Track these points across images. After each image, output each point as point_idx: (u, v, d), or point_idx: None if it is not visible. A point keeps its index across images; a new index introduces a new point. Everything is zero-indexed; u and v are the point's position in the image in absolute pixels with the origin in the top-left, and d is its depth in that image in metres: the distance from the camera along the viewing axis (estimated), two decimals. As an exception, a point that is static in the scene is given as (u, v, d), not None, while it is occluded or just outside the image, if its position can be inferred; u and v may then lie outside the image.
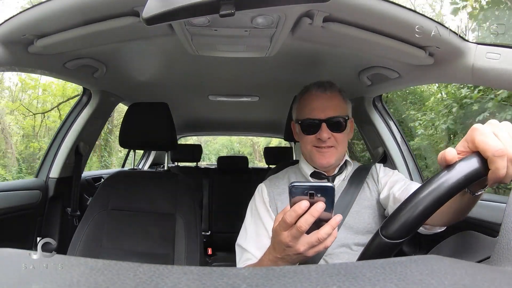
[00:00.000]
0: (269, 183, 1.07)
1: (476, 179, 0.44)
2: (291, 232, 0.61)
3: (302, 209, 0.58)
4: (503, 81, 0.82)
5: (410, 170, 1.62)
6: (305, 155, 1.05)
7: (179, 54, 1.20)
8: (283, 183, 1.06)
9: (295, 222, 0.60)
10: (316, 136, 0.97)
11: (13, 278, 0.25)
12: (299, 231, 0.59)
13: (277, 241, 0.65)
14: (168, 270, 0.26)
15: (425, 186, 0.46)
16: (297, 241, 0.62)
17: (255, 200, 1.05)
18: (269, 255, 0.71)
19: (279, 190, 1.04)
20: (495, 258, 0.33)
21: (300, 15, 0.86)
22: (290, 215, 0.59)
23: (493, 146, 0.44)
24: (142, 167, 3.24)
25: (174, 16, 0.49)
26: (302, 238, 0.62)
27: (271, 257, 0.70)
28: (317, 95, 1.00)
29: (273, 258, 0.69)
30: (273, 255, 0.69)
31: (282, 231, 0.63)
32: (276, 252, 0.67)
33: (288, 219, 0.60)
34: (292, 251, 0.63)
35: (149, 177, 1.42)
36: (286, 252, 0.64)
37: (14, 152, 6.94)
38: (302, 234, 0.61)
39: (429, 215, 0.45)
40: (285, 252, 0.64)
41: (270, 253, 0.71)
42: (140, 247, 1.29)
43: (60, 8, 0.81)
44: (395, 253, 0.47)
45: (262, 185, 1.08)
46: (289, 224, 0.60)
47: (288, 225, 0.61)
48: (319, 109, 0.97)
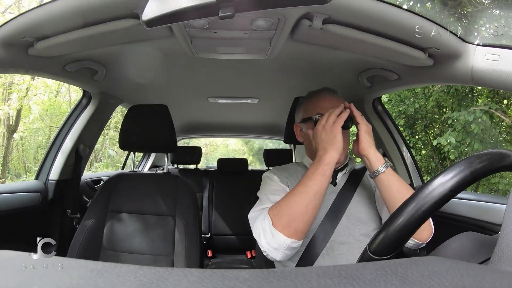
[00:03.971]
0: (275, 170, 1.11)
1: (462, 187, 0.45)
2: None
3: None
4: (502, 82, 0.82)
5: (410, 171, 1.62)
6: (312, 153, 1.05)
7: (178, 56, 1.21)
8: (290, 170, 1.10)
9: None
10: None
11: (14, 280, 0.25)
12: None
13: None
14: (168, 273, 0.26)
15: (409, 202, 0.46)
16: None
17: (265, 182, 1.07)
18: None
19: (286, 173, 1.07)
20: (495, 259, 0.33)
21: (299, 17, 0.86)
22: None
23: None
24: (141, 169, 3.24)
25: (174, 19, 0.49)
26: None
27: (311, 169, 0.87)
28: (327, 97, 1.03)
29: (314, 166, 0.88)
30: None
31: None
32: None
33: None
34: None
35: (149, 179, 1.42)
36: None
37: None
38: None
39: (414, 230, 0.46)
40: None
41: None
42: (140, 249, 1.28)
43: (60, 11, 0.81)
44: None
45: (268, 173, 1.09)
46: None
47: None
48: (331, 108, 0.98)
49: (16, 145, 8.68)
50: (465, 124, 5.03)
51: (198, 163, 2.98)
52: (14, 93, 7.43)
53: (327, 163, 0.87)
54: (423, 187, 0.46)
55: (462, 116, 4.96)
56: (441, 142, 5.19)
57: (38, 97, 8.31)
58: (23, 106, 7.66)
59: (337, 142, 0.88)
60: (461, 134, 5.09)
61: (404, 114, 6.01)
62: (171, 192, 1.36)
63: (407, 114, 5.98)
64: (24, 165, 8.96)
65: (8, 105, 7.38)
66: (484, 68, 0.86)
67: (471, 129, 4.94)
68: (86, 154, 1.76)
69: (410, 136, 6.15)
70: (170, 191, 1.36)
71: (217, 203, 2.66)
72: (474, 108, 4.99)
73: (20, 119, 8.07)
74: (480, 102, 5.36)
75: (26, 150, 9.02)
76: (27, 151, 9.04)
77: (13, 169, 8.66)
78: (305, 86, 1.60)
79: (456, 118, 5.10)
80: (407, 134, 6.10)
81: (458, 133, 5.11)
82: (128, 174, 1.45)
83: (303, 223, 0.82)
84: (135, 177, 1.43)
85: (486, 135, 5.17)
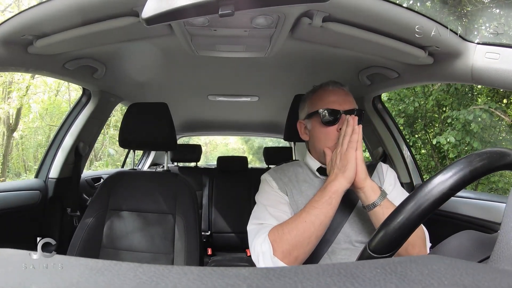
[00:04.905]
0: (274, 173, 1.05)
1: (462, 186, 0.44)
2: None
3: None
4: (502, 81, 0.82)
5: (410, 170, 1.62)
6: (317, 151, 1.02)
7: (178, 54, 1.20)
8: (290, 172, 1.04)
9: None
10: (338, 126, 0.94)
11: (13, 278, 0.25)
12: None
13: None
14: (168, 270, 0.26)
15: (408, 201, 0.46)
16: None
17: (263, 188, 1.03)
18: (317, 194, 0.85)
19: (286, 178, 1.02)
20: (495, 258, 0.33)
21: (299, 15, 0.86)
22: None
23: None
24: (141, 167, 3.24)
25: (174, 16, 0.49)
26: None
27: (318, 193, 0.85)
28: (333, 90, 0.98)
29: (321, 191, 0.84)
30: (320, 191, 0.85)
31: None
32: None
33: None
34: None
35: (148, 177, 1.42)
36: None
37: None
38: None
39: (414, 229, 0.46)
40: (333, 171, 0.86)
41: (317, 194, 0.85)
42: (140, 247, 1.29)
43: (60, 9, 0.81)
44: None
45: (267, 176, 1.04)
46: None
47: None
48: (338, 102, 0.96)
49: (16, 144, 8.69)
50: (465, 123, 5.03)
51: (198, 161, 2.98)
52: (14, 92, 7.43)
53: (335, 191, 0.83)
54: (422, 186, 0.46)
55: (461, 115, 4.96)
56: (441, 141, 5.19)
57: (38, 96, 8.30)
58: (23, 105, 7.67)
59: (349, 170, 0.84)
60: (461, 133, 5.09)
61: (404, 113, 6.01)
62: (171, 190, 1.36)
63: (407, 113, 5.98)
64: (24, 164, 8.96)
65: (8, 104, 7.38)
66: (484, 67, 0.86)
67: (471, 128, 4.95)
68: (86, 152, 1.76)
69: (410, 135, 6.16)
70: (170, 189, 1.36)
71: (217, 201, 2.67)
72: (473, 107, 5.00)
73: (20, 118, 8.07)
74: (479, 101, 5.37)
75: (26, 149, 9.02)
76: (27, 150, 9.04)
77: (13, 168, 8.67)
78: (305, 84, 1.60)
79: (456, 117, 5.11)
80: (407, 133, 6.11)
81: (457, 132, 5.12)
82: (128, 172, 1.45)
83: (304, 253, 0.80)
84: (135, 175, 1.43)
85: (485, 134, 5.18)
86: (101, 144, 9.23)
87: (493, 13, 5.01)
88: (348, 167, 0.84)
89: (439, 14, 5.02)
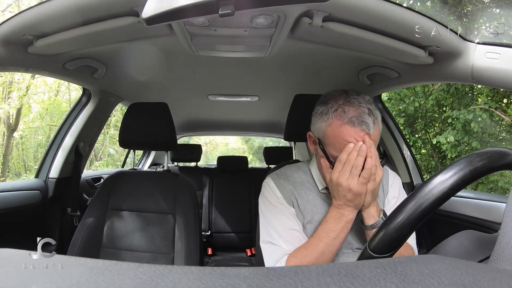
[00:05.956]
0: (278, 179, 0.99)
1: (462, 186, 0.45)
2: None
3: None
4: (503, 81, 0.82)
5: (410, 169, 1.62)
6: (324, 175, 0.94)
7: (178, 54, 1.20)
8: (295, 179, 1.00)
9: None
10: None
11: (13, 278, 0.25)
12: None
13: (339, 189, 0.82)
14: (168, 270, 0.26)
15: (408, 200, 0.46)
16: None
17: (267, 197, 0.98)
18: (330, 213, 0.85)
19: (290, 186, 0.97)
20: (495, 258, 0.33)
21: (299, 15, 0.86)
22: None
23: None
24: (141, 167, 3.24)
25: (174, 16, 0.49)
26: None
27: (332, 214, 0.84)
28: (356, 131, 0.83)
29: (335, 212, 0.83)
30: (335, 208, 0.84)
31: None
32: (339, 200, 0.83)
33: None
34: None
35: (149, 177, 1.42)
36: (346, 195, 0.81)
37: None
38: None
39: (414, 228, 0.46)
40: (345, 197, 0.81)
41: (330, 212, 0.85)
42: (140, 247, 1.29)
43: (60, 8, 0.81)
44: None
45: (270, 182, 0.99)
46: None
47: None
48: (356, 149, 0.83)
49: (16, 144, 8.68)
50: (465, 123, 5.03)
51: (198, 161, 2.98)
52: (14, 92, 7.43)
53: (350, 221, 0.83)
54: (423, 185, 0.46)
55: (462, 115, 4.96)
56: (441, 140, 5.19)
57: (38, 96, 8.30)
58: (23, 105, 7.66)
59: (357, 199, 0.81)
60: (461, 133, 5.09)
61: (404, 113, 6.01)
62: (171, 190, 1.36)
63: (407, 113, 5.98)
64: (24, 164, 8.96)
65: (8, 103, 7.38)
66: (485, 67, 0.85)
67: (471, 128, 4.94)
68: (86, 152, 1.76)
69: (410, 135, 6.15)
70: (170, 189, 1.36)
71: (217, 201, 2.67)
72: (474, 107, 4.99)
73: (20, 118, 8.07)
74: (480, 101, 5.36)
75: (26, 149, 9.02)
76: (27, 150, 9.03)
77: (13, 168, 8.66)
78: (305, 84, 1.61)
79: (456, 117, 5.10)
80: (407, 133, 6.11)
81: (457, 132, 5.12)
82: (128, 172, 1.45)
83: None
84: (135, 175, 1.43)
85: (485, 134, 5.17)
86: (101, 144, 9.22)
87: (493, 13, 5.01)
88: (357, 201, 0.81)
89: (439, 13, 5.01)
